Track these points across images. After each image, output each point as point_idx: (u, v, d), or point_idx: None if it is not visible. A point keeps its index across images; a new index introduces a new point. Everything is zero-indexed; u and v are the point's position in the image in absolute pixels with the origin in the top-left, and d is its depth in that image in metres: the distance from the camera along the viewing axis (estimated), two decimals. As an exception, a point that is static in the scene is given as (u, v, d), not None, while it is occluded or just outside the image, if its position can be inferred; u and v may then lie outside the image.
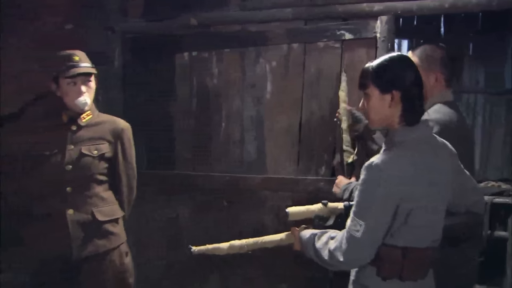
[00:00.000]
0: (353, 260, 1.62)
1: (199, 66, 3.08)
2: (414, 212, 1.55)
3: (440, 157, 1.64)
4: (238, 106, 3.03)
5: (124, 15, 3.19)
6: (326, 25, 2.81)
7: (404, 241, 1.58)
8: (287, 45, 2.90)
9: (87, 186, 2.24)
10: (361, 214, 1.57)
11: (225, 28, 3.02)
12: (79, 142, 2.24)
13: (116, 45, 3.16)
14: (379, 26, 2.67)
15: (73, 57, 2.21)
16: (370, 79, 1.63)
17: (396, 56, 1.65)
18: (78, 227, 2.19)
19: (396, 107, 1.60)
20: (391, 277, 1.61)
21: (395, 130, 1.63)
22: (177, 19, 3.04)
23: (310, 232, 1.79)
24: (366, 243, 1.57)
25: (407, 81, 1.59)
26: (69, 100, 2.21)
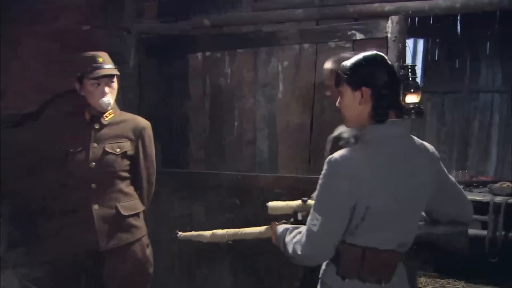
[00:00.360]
0: (310, 254, 1.62)
1: (212, 66, 3.13)
2: (372, 211, 1.52)
3: (413, 159, 1.60)
4: (250, 105, 3.06)
5: (139, 16, 3.25)
6: (337, 25, 2.82)
7: (364, 240, 1.57)
8: (298, 45, 2.92)
9: (111, 182, 2.32)
10: (318, 208, 1.57)
11: (237, 29, 3.06)
12: (102, 140, 2.30)
13: (131, 46, 3.22)
14: (390, 26, 2.67)
15: (98, 59, 2.27)
16: (342, 77, 1.63)
17: (369, 54, 1.63)
18: (104, 221, 2.28)
19: (366, 104, 1.58)
20: (350, 277, 1.60)
21: (365, 128, 1.61)
22: (191, 20, 3.10)
23: (284, 227, 1.80)
24: (323, 238, 1.57)
25: (377, 79, 1.57)
26: (93, 99, 2.28)
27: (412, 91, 2.65)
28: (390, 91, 1.58)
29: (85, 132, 2.30)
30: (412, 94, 2.65)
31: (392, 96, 1.59)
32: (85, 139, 2.29)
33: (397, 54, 2.68)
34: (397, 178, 1.55)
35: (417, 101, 2.66)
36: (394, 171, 1.55)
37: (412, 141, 1.64)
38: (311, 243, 1.59)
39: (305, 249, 1.60)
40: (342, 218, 1.55)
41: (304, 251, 1.60)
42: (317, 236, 1.56)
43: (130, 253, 2.35)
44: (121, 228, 2.32)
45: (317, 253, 1.62)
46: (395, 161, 1.56)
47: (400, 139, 1.60)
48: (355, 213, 1.53)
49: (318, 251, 1.61)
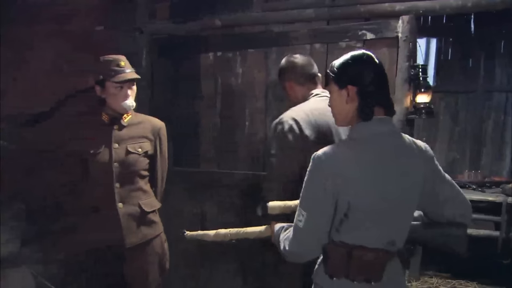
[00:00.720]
0: (296, 250, 1.64)
1: (224, 66, 3.15)
2: (354, 208, 1.52)
3: (405, 157, 1.60)
4: (261, 105, 3.08)
5: (151, 17, 3.29)
6: (348, 25, 2.82)
7: (351, 238, 1.57)
8: (309, 45, 2.93)
9: (133, 181, 2.39)
10: (303, 204, 1.60)
11: (248, 29, 3.08)
12: (123, 141, 2.36)
13: (144, 46, 3.25)
14: (400, 26, 2.67)
15: (120, 63, 2.33)
16: (330, 76, 1.65)
17: (356, 53, 1.64)
18: (128, 219, 2.35)
19: (352, 102, 1.59)
20: (338, 276, 1.60)
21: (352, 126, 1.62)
22: (202, 20, 3.11)
23: (280, 225, 1.83)
24: (308, 233, 1.59)
25: (362, 77, 1.58)
26: (114, 102, 2.33)
27: (423, 90, 2.66)
28: (376, 89, 1.58)
29: (105, 133, 2.35)
30: (423, 94, 2.65)
31: (378, 94, 1.59)
32: (106, 140, 2.34)
33: (408, 53, 2.67)
34: (385, 177, 1.55)
35: (427, 101, 2.66)
36: (382, 170, 1.55)
37: (402, 139, 1.63)
38: (297, 239, 1.62)
39: (292, 245, 1.64)
40: (325, 214, 1.56)
41: (291, 247, 1.64)
42: (303, 232, 1.59)
43: (151, 249, 2.43)
44: (144, 225, 2.41)
45: (303, 249, 1.64)
46: (383, 159, 1.56)
47: (388, 137, 1.60)
48: (337, 209, 1.55)
49: (304, 247, 1.63)
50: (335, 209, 1.55)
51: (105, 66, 2.30)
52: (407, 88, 2.69)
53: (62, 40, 3.29)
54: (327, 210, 1.56)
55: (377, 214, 1.54)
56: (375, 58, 1.62)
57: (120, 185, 2.33)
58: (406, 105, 2.69)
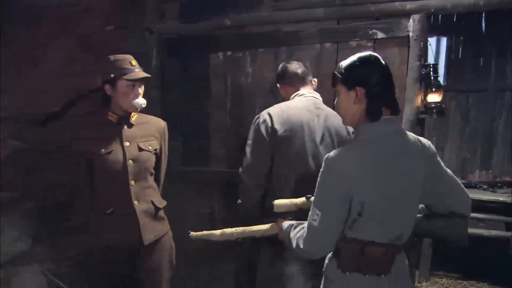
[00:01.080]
0: (311, 248, 1.68)
1: (234, 65, 3.15)
2: (368, 206, 1.57)
3: (408, 155, 1.64)
4: (271, 105, 3.04)
5: (161, 16, 3.29)
6: (359, 24, 2.82)
7: (363, 234, 1.62)
8: (319, 45, 2.93)
9: (146, 178, 2.42)
10: (317, 204, 1.64)
11: (258, 29, 3.07)
12: (133, 139, 2.38)
13: (154, 46, 3.26)
14: (411, 25, 2.66)
15: (132, 61, 2.34)
16: (338, 77, 1.68)
17: (364, 55, 1.67)
18: (144, 216, 2.38)
19: (360, 103, 1.63)
20: (351, 270, 1.66)
21: (360, 126, 1.66)
22: (212, 20, 3.11)
23: (289, 223, 1.88)
24: (323, 232, 1.64)
25: (370, 78, 1.61)
26: (125, 100, 2.33)
27: (434, 90, 2.64)
28: (383, 90, 1.62)
29: (115, 132, 2.36)
30: (434, 93, 2.64)
31: (385, 95, 1.63)
32: (116, 139, 2.35)
33: (419, 53, 2.66)
34: (386, 177, 1.59)
35: (438, 100, 2.64)
36: (383, 170, 1.59)
37: (406, 138, 1.67)
38: (312, 238, 1.67)
39: (306, 243, 1.68)
40: (339, 213, 1.61)
41: (306, 245, 1.68)
42: (317, 231, 1.64)
43: (163, 245, 2.47)
44: (157, 222, 2.45)
45: (317, 247, 1.69)
46: (385, 159, 1.60)
47: (393, 137, 1.64)
48: (351, 208, 1.59)
49: (318, 245, 1.68)
50: (349, 208, 1.60)
51: (117, 64, 2.30)
52: (418, 87, 2.68)
53: (72, 40, 3.30)
54: (341, 210, 1.60)
55: (382, 212, 1.59)
56: (381, 60, 1.66)
57: (135, 183, 2.35)
58: (417, 104, 2.68)
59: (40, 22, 3.22)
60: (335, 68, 1.74)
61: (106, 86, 2.33)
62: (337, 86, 1.71)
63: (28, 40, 3.15)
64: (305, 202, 2.03)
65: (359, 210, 1.59)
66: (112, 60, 2.32)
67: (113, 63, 2.31)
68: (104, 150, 2.31)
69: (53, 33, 3.27)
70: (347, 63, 1.68)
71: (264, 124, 2.36)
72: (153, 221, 2.42)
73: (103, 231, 2.34)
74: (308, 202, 2.02)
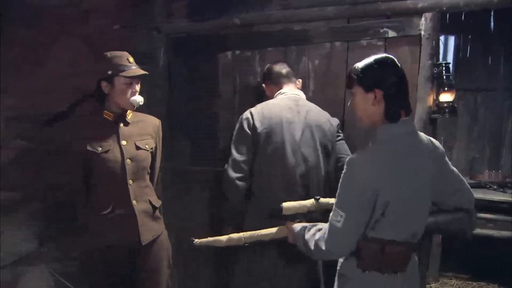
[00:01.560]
0: (333, 249, 1.71)
1: (242, 64, 3.10)
2: (391, 205, 1.61)
3: (421, 154, 1.69)
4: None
5: (168, 15, 3.25)
6: (369, 23, 2.77)
7: (384, 234, 1.67)
8: (329, 43, 2.89)
9: (143, 177, 2.41)
10: (341, 205, 1.67)
11: (267, 27, 3.03)
12: (130, 137, 2.37)
13: (161, 45, 3.22)
14: (423, 23, 2.62)
15: (129, 58, 2.33)
16: (355, 79, 1.72)
17: (380, 57, 1.71)
18: (143, 215, 2.37)
19: (379, 105, 1.68)
20: (371, 269, 1.71)
21: (378, 127, 1.70)
22: (220, 19, 3.07)
23: (301, 226, 1.90)
24: (346, 233, 1.67)
25: (389, 80, 1.66)
26: (122, 98, 2.31)
27: (446, 89, 2.61)
28: (401, 92, 1.68)
29: (111, 131, 2.34)
30: (446, 93, 2.60)
31: (403, 96, 1.69)
32: (113, 138, 2.33)
33: (431, 52, 2.63)
34: (409, 173, 1.65)
35: (451, 100, 2.61)
36: (406, 166, 1.65)
37: (418, 139, 1.73)
38: (335, 239, 1.70)
39: (328, 245, 1.70)
40: (363, 214, 1.65)
41: (328, 246, 1.70)
42: (341, 232, 1.67)
43: (160, 245, 2.47)
44: (154, 221, 2.45)
45: (340, 248, 1.72)
46: (407, 156, 1.65)
47: (407, 137, 1.69)
48: (375, 209, 1.64)
49: (341, 246, 1.71)
50: (373, 208, 1.64)
51: (114, 61, 2.28)
52: (429, 86, 2.64)
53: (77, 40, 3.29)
54: (365, 211, 1.65)
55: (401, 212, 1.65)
56: (397, 61, 1.72)
57: (133, 182, 2.34)
58: (428, 104, 2.64)
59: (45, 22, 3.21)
60: (351, 70, 1.76)
61: (102, 83, 2.31)
62: (353, 88, 1.74)
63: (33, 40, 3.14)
64: (314, 204, 2.07)
65: (383, 210, 1.63)
66: (109, 57, 2.30)
67: (110, 60, 2.29)
68: (101, 149, 2.29)
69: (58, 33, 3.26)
70: (364, 65, 1.71)
71: (246, 121, 2.49)
72: (151, 220, 2.41)
73: (102, 231, 2.33)
74: (317, 204, 2.08)
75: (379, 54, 1.76)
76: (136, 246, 2.36)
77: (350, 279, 1.78)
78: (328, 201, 2.06)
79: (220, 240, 2.22)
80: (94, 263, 2.37)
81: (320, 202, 2.07)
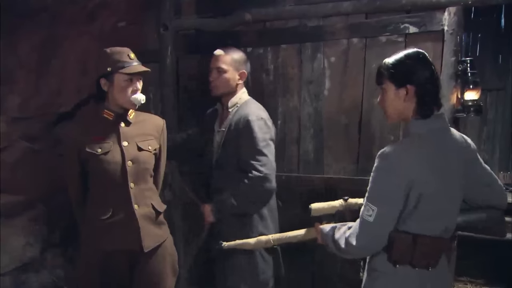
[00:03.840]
0: (366, 244, 1.69)
1: (254, 62, 2.97)
2: (424, 198, 1.61)
3: (454, 149, 1.69)
4: (295, 103, 2.94)
5: (176, 12, 3.14)
6: (389, 18, 2.67)
7: (416, 227, 1.66)
8: (346, 40, 2.79)
9: (145, 180, 2.28)
10: (373, 199, 1.66)
11: (281, 23, 2.92)
12: (132, 138, 2.24)
13: (169, 42, 3.10)
14: (446, 18, 2.52)
15: (130, 54, 2.20)
16: (386, 75, 1.71)
17: (411, 52, 1.70)
18: (145, 220, 2.24)
19: (410, 101, 1.68)
20: (402, 263, 1.69)
21: (410, 122, 1.70)
22: (231, 15, 2.94)
23: (330, 226, 1.88)
24: (378, 227, 1.66)
25: (421, 76, 1.65)
26: (123, 96, 2.18)
27: (471, 87, 2.51)
28: (433, 87, 1.67)
29: (111, 131, 2.21)
30: (472, 91, 2.51)
31: (435, 92, 1.68)
32: (114, 138, 2.21)
33: (455, 48, 2.53)
34: (441, 167, 1.64)
35: (476, 98, 2.51)
36: (439, 161, 1.64)
37: (450, 132, 1.73)
38: (366, 233, 1.67)
39: (360, 240, 1.67)
40: (396, 207, 1.64)
41: (359, 242, 1.67)
42: (373, 226, 1.65)
43: (164, 251, 2.33)
44: (158, 227, 2.31)
45: (373, 243, 1.69)
46: (440, 151, 1.65)
47: (440, 132, 1.69)
48: (408, 202, 1.63)
49: (373, 241, 1.69)
50: (405, 201, 1.63)
51: (114, 57, 2.15)
52: (453, 84, 2.54)
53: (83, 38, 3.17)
54: (398, 204, 1.63)
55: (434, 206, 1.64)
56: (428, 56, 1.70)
57: (135, 185, 2.21)
58: (452, 102, 2.54)
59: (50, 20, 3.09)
60: (380, 65, 1.75)
61: (101, 80, 2.18)
62: (384, 84, 1.73)
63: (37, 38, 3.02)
64: (343, 204, 2.05)
65: (415, 203, 1.62)
66: (109, 53, 2.17)
67: (110, 56, 2.16)
68: (101, 150, 2.16)
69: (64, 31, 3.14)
70: (395, 60, 1.70)
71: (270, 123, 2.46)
72: (153, 226, 2.28)
73: (100, 237, 2.19)
74: (346, 204, 2.06)
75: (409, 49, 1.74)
76: (137, 253, 2.23)
77: (382, 274, 1.76)
78: (356, 201, 2.05)
79: (249, 243, 2.20)
80: (92, 272, 2.22)
81: (349, 202, 2.06)
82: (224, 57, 2.50)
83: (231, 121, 2.46)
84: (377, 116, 2.72)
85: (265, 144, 2.36)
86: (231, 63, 2.49)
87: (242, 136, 2.38)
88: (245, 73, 2.54)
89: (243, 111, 2.45)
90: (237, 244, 2.21)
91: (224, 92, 2.52)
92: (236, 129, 2.41)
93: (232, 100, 2.52)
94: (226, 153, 2.47)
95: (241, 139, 2.38)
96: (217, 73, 2.50)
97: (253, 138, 2.34)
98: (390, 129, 2.70)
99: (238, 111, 2.48)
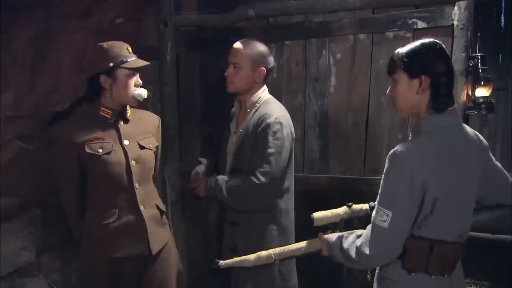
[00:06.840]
0: (380, 252, 1.59)
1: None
2: (440, 202, 1.53)
3: (468, 147, 1.62)
4: (300, 101, 2.90)
5: (177, 8, 3.06)
6: (396, 13, 2.63)
7: (431, 233, 1.58)
8: (353, 36, 2.75)
9: (148, 179, 2.24)
10: (387, 203, 1.56)
11: (285, 19, 2.87)
12: (132, 136, 2.18)
13: (169, 39, 3.02)
14: (456, 13, 2.49)
15: (128, 48, 2.14)
16: (398, 64, 1.62)
17: (428, 41, 1.62)
18: (152, 222, 2.19)
19: (424, 93, 1.58)
20: (417, 270, 1.61)
21: (422, 117, 1.61)
22: (234, 11, 2.86)
23: (337, 235, 1.78)
24: (394, 233, 1.56)
25: (438, 67, 1.57)
26: (124, 92, 2.11)
27: (483, 83, 2.46)
28: (448, 80, 1.59)
29: (111, 130, 2.14)
30: (483, 87, 2.47)
31: (450, 85, 1.61)
32: (114, 137, 2.13)
33: (465, 43, 2.51)
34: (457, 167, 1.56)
35: (488, 95, 2.46)
36: (454, 160, 1.56)
37: (464, 129, 1.66)
38: (381, 240, 1.57)
39: (374, 248, 1.57)
40: (411, 211, 1.55)
41: (374, 250, 1.58)
42: (388, 232, 1.55)
43: (168, 252, 2.29)
44: (162, 228, 2.27)
45: (388, 250, 1.60)
46: (454, 150, 1.57)
47: (453, 129, 1.61)
48: (423, 205, 1.54)
49: (389, 248, 1.59)
50: (421, 205, 1.55)
51: (114, 52, 2.08)
52: (463, 81, 2.50)
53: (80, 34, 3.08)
54: (413, 207, 1.55)
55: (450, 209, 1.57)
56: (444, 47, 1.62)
57: (139, 185, 2.15)
58: (463, 99, 2.50)
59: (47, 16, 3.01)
60: (393, 55, 1.67)
61: (102, 77, 2.09)
62: (396, 74, 1.63)
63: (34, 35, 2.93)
64: (347, 211, 1.95)
65: (431, 207, 1.54)
66: (107, 48, 2.09)
67: (109, 50, 2.08)
68: (102, 151, 2.08)
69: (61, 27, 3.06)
70: (409, 49, 1.61)
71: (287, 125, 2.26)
72: (159, 227, 2.24)
73: (106, 242, 2.12)
74: (350, 211, 1.95)
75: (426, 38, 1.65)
76: (145, 256, 2.17)
77: (395, 282, 1.67)
78: (361, 207, 1.96)
79: (248, 260, 1.99)
80: (100, 281, 2.15)
81: (353, 208, 1.96)
82: (241, 51, 2.27)
83: (249, 122, 2.28)
84: (385, 114, 2.68)
85: (274, 152, 2.17)
86: (249, 59, 2.26)
87: (257, 138, 2.22)
88: (264, 70, 2.29)
89: (262, 110, 2.26)
90: (235, 262, 2.02)
91: (239, 89, 2.32)
92: (254, 130, 2.24)
93: (251, 99, 2.32)
94: (242, 156, 2.29)
95: (256, 140, 2.23)
96: (233, 69, 2.30)
97: (265, 143, 2.17)
98: (398, 128, 2.65)
99: (258, 111, 2.29)
